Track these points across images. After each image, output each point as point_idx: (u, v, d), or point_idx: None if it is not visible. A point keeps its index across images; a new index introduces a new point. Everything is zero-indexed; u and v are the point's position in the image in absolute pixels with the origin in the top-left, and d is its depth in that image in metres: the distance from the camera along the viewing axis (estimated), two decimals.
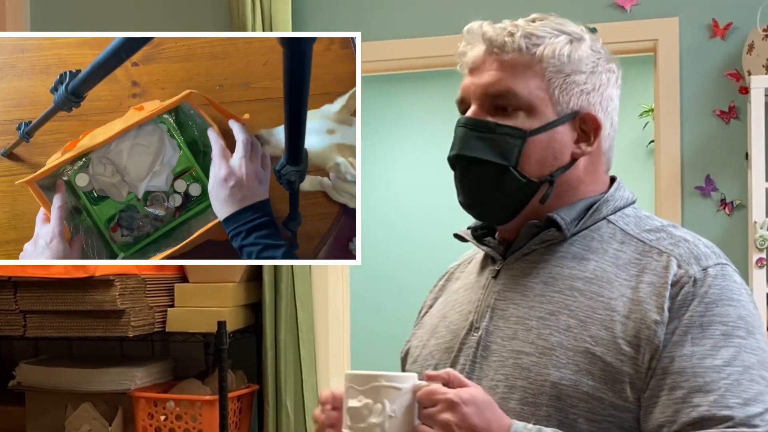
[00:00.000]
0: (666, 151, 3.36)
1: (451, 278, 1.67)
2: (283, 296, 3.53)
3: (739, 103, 3.29)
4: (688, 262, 1.37)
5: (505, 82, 1.43)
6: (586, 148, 1.49)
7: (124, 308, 3.11)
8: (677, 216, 3.33)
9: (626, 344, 1.32)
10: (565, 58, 1.44)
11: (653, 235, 1.43)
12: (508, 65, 1.43)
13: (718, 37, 3.31)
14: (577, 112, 1.46)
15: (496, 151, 1.42)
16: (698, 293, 1.34)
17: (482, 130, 1.43)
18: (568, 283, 1.40)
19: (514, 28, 1.45)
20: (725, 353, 1.30)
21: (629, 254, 1.41)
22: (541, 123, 1.44)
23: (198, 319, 3.31)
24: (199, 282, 3.40)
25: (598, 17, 3.40)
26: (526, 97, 1.43)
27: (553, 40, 1.44)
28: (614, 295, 1.37)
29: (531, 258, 1.47)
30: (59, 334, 3.23)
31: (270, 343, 3.53)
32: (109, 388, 3.36)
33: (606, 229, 1.46)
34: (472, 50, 1.47)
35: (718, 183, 3.32)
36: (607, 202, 1.49)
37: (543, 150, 1.44)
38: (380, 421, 1.26)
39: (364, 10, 3.64)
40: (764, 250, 3.06)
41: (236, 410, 3.40)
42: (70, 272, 3.09)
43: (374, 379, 1.29)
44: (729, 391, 1.27)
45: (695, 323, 1.32)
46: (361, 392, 1.28)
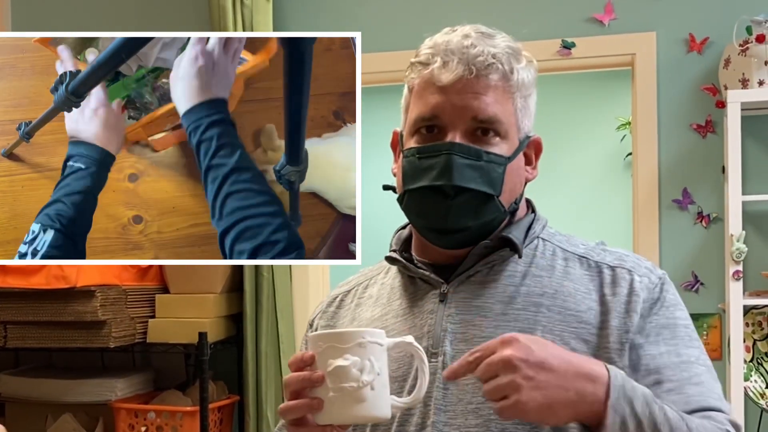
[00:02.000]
0: (643, 165, 3.39)
1: (342, 305, 1.59)
2: (263, 307, 3.53)
3: (716, 117, 3.33)
4: (643, 272, 1.42)
5: (492, 108, 1.38)
6: (533, 171, 1.48)
7: (105, 319, 3.11)
8: (655, 229, 3.36)
9: (604, 353, 1.34)
10: (527, 80, 1.42)
11: (593, 252, 1.46)
12: (493, 90, 1.38)
13: (694, 52, 3.35)
14: (528, 137, 1.46)
15: (485, 179, 1.38)
16: (661, 298, 1.40)
17: (473, 158, 1.38)
18: (530, 300, 1.40)
19: (490, 48, 1.39)
20: (693, 353, 1.38)
21: (578, 270, 1.43)
22: (512, 149, 1.42)
23: (179, 329, 3.31)
24: (180, 293, 3.40)
25: (576, 31, 3.43)
26: (507, 123, 1.40)
27: (520, 63, 1.41)
28: (582, 308, 1.38)
29: (476, 279, 1.44)
30: (40, 345, 3.22)
31: (251, 354, 3.54)
32: (89, 399, 3.35)
33: (544, 247, 1.47)
34: (447, 68, 1.38)
35: (695, 196, 3.35)
36: (538, 220, 1.50)
37: (514, 177, 1.43)
38: (371, 379, 1.22)
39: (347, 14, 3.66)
40: (741, 262, 3.09)
41: (217, 421, 3.40)
42: (51, 283, 3.09)
43: (359, 335, 1.23)
44: (708, 386, 1.36)
45: (664, 325, 1.38)
46: (346, 351, 1.23)
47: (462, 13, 3.36)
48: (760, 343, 3.23)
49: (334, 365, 1.22)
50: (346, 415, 1.24)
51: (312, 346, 1.27)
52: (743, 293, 3.12)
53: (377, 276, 1.59)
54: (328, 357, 1.23)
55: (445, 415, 1.36)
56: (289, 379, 1.26)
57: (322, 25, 3.66)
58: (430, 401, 1.37)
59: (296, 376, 1.25)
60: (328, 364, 1.23)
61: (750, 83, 3.12)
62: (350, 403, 1.22)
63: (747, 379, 3.15)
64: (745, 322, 3.19)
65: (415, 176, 1.41)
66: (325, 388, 1.23)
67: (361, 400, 1.22)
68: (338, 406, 1.23)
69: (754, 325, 3.24)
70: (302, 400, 1.25)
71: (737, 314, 3.08)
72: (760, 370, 3.21)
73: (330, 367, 1.23)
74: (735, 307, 3.08)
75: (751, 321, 3.23)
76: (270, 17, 3.57)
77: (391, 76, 3.56)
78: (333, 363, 1.22)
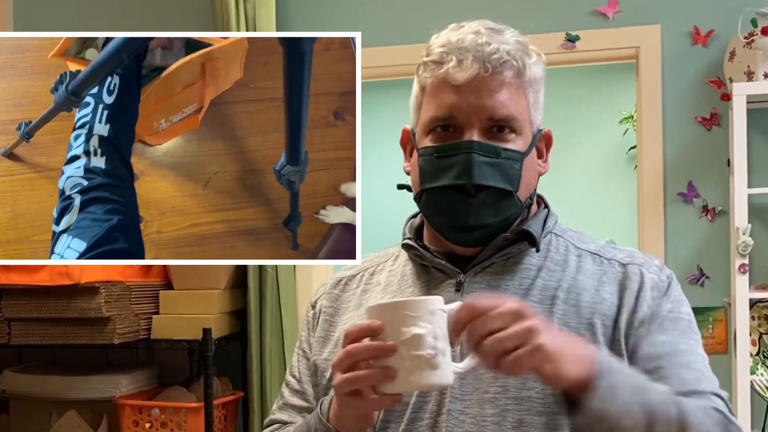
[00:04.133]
0: (648, 158, 3.38)
1: (347, 289, 1.60)
2: (267, 303, 3.53)
3: (721, 110, 3.31)
4: (653, 269, 1.45)
5: (509, 106, 1.39)
6: (545, 165, 1.50)
7: (109, 315, 3.11)
8: (660, 222, 3.35)
9: (620, 344, 1.37)
10: (539, 77, 1.43)
11: (603, 250, 1.48)
12: (507, 87, 1.39)
13: (699, 45, 3.33)
14: (540, 131, 1.47)
15: (504, 176, 1.39)
16: (668, 293, 1.43)
17: (492, 155, 1.39)
18: (546, 294, 1.42)
19: (505, 44, 1.39)
20: (693, 344, 1.41)
21: (591, 266, 1.45)
22: (527, 144, 1.43)
23: (183, 326, 3.30)
24: (184, 289, 3.40)
25: (581, 24, 3.42)
26: (521, 119, 1.41)
27: (531, 59, 1.42)
28: (595, 301, 1.40)
29: (492, 270, 1.45)
30: (44, 342, 3.22)
31: (255, 350, 3.54)
32: (93, 396, 3.36)
33: (557, 242, 1.49)
34: (462, 67, 1.38)
35: (700, 189, 3.34)
36: (552, 216, 1.52)
37: (529, 172, 1.43)
38: (443, 346, 1.21)
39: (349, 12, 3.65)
40: (746, 255, 3.08)
41: (221, 417, 3.40)
42: (54, 279, 3.09)
43: (430, 303, 1.22)
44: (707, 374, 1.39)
45: (668, 317, 1.41)
46: (419, 318, 1.20)
47: (466, 6, 3.36)
48: (766, 337, 3.22)
49: (410, 333, 1.20)
50: (419, 383, 1.22)
51: (378, 315, 1.23)
52: (749, 287, 3.11)
53: (385, 263, 1.59)
54: (401, 325, 1.21)
55: (461, 404, 1.37)
56: (354, 350, 1.22)
57: (326, 21, 3.65)
58: (446, 389, 1.37)
59: (366, 346, 1.22)
60: (402, 333, 1.20)
61: (755, 76, 3.10)
62: (426, 370, 1.20)
63: (753, 373, 3.14)
64: (751, 316, 3.18)
65: (434, 175, 1.41)
66: (398, 357, 1.20)
67: (435, 366, 1.20)
68: (413, 374, 1.20)
69: (760, 318, 3.23)
70: (372, 369, 1.21)
71: (743, 308, 3.07)
72: (767, 364, 3.20)
73: (406, 336, 1.20)
74: (741, 301, 3.08)
75: (757, 314, 3.22)
76: (273, 14, 3.56)
77: (389, 71, 3.56)
78: (408, 331, 1.20)
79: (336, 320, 1.57)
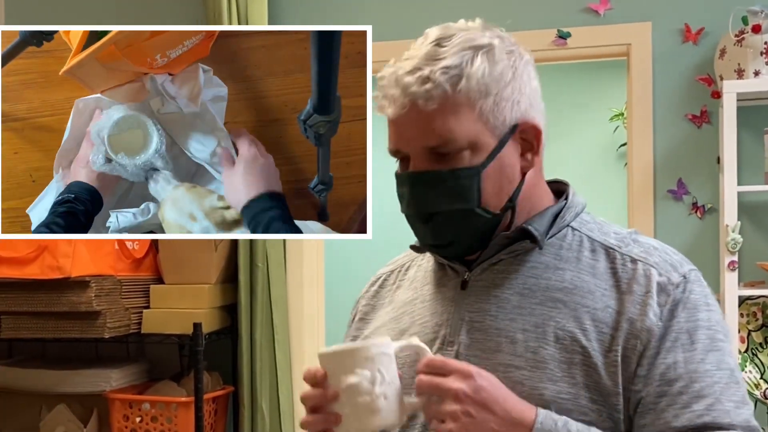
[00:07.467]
0: (638, 155, 3.39)
1: (385, 285, 1.63)
2: (258, 298, 3.53)
3: (711, 108, 3.32)
4: (666, 269, 1.38)
5: (440, 133, 1.34)
6: (533, 157, 1.44)
7: (100, 309, 3.11)
8: (650, 219, 3.36)
9: (617, 354, 1.32)
10: (487, 79, 1.34)
11: (621, 243, 1.43)
12: (437, 113, 1.34)
13: (690, 42, 3.34)
14: (515, 126, 1.39)
15: (455, 196, 1.36)
16: (682, 299, 1.35)
17: (434, 182, 1.36)
18: (548, 295, 1.39)
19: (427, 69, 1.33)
20: (713, 358, 1.33)
21: (603, 263, 1.41)
22: (487, 153, 1.36)
23: (173, 320, 3.31)
24: (174, 283, 3.40)
25: (572, 22, 3.43)
26: (465, 137, 1.34)
27: (469, 67, 1.33)
28: (599, 305, 1.36)
29: (499, 268, 1.43)
30: (34, 336, 3.22)
31: (245, 345, 3.54)
32: (84, 390, 3.36)
33: (572, 236, 1.45)
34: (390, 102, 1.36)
35: (690, 187, 3.35)
36: (569, 209, 1.47)
37: (497, 179, 1.38)
38: (383, 390, 1.25)
39: (342, 6, 3.65)
40: (736, 253, 3.09)
41: (212, 412, 3.40)
42: (45, 273, 3.08)
43: (367, 350, 1.26)
44: (723, 395, 1.30)
45: (683, 329, 1.33)
46: (356, 365, 1.25)
47: (457, 3, 3.36)
48: (754, 334, 3.23)
49: (347, 382, 1.26)
50: (363, 427, 1.27)
51: (324, 363, 1.30)
52: (738, 284, 3.12)
53: (418, 258, 1.61)
54: (339, 374, 1.27)
55: None
56: (306, 396, 1.32)
57: (318, 15, 3.65)
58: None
59: (312, 394, 1.31)
60: (341, 381, 1.26)
61: (745, 74, 3.11)
62: (366, 415, 1.26)
63: (742, 370, 3.15)
64: (740, 313, 3.19)
65: (400, 202, 1.44)
66: (341, 403, 1.27)
67: (376, 411, 1.26)
68: (354, 419, 1.27)
69: (748, 315, 3.24)
70: (321, 414, 1.30)
71: (732, 305, 3.08)
72: (755, 361, 3.21)
73: (344, 384, 1.26)
74: (730, 298, 3.08)
75: (746, 312, 3.23)
76: (265, 8, 3.55)
77: None
78: (345, 380, 1.26)
79: (371, 317, 1.61)
